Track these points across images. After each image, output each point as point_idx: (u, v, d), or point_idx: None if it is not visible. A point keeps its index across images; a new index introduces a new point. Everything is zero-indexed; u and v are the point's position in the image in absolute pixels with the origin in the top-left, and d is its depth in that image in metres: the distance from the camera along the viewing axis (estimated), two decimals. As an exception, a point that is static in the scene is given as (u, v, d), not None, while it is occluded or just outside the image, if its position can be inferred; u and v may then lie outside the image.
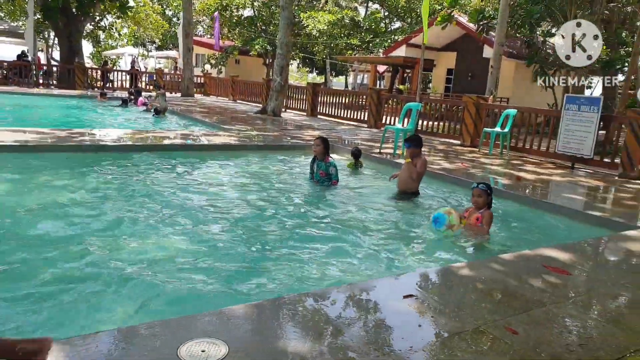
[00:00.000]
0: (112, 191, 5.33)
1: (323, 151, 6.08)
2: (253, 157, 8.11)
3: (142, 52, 42.98)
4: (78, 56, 22.60)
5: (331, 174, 6.06)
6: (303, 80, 49.96)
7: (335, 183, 6.08)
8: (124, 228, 4.16)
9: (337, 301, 2.74)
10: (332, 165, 6.07)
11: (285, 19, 14.69)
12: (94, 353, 1.99)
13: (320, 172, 6.12)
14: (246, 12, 32.81)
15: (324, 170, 6.08)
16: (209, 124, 12.10)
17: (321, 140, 6.15)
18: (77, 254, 3.55)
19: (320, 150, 6.07)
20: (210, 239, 4.08)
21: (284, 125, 12.94)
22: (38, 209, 4.51)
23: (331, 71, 37.91)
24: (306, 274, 3.50)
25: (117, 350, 2.03)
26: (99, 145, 7.71)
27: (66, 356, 1.94)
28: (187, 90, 21.74)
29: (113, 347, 2.06)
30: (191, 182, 6.09)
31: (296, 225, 4.65)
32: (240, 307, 2.51)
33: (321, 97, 16.64)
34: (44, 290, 2.99)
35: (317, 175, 6.17)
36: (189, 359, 1.94)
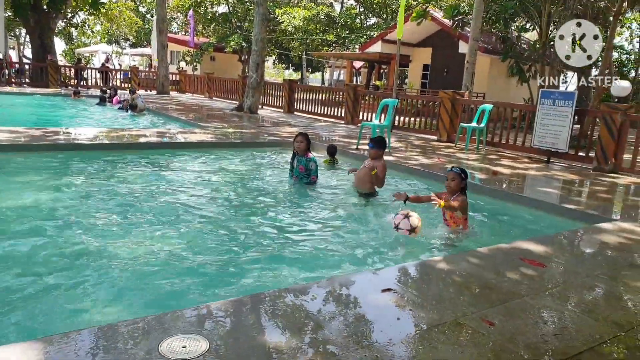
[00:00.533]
0: (88, 190, 5.22)
1: (306, 147, 6.06)
2: (230, 154, 8.04)
3: (116, 49, 42.15)
4: (50, 54, 22.07)
5: (311, 169, 6.05)
6: (279, 77, 49.75)
7: (314, 179, 6.07)
8: (101, 227, 4.09)
9: (316, 296, 2.75)
10: (312, 161, 6.05)
11: (260, 15, 14.59)
12: (75, 350, 1.96)
13: (300, 167, 6.11)
14: (221, 8, 32.50)
15: (303, 166, 6.07)
16: (185, 121, 11.95)
17: (303, 137, 6.11)
18: (55, 253, 3.48)
19: (303, 147, 6.03)
20: (187, 237, 4.03)
21: (260, 122, 12.87)
22: (16, 209, 4.38)
23: (307, 67, 37.85)
24: (284, 270, 3.50)
25: (98, 347, 2.01)
26: (75, 144, 7.54)
27: (47, 354, 1.91)
28: (163, 87, 21.44)
29: (94, 344, 2.03)
30: (168, 180, 6.01)
31: (274, 222, 4.64)
32: (219, 303, 2.50)
33: (298, 93, 16.60)
34: (22, 289, 2.92)
35: (297, 171, 6.15)
36: (169, 355, 1.93)
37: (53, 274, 3.17)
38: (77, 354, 1.95)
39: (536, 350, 2.29)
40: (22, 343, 2.04)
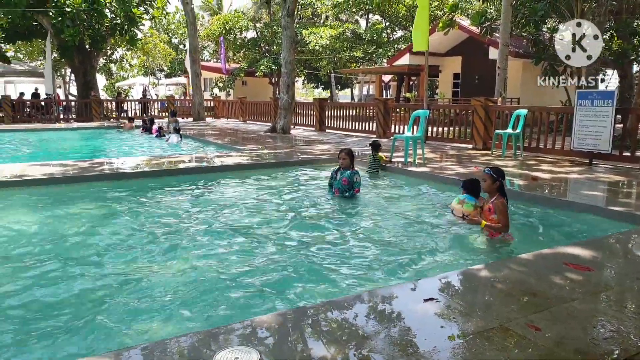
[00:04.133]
0: (135, 215, 5.47)
1: (349, 163, 6.22)
2: (266, 174, 8.22)
3: (153, 80, 43.85)
4: (94, 90, 23.29)
5: (354, 182, 6.12)
6: (309, 96, 50.36)
7: (357, 191, 6.15)
8: (152, 249, 4.29)
9: (360, 307, 2.80)
10: (356, 174, 6.16)
11: (288, 38, 14.94)
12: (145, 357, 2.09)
13: (343, 180, 6.16)
14: (249, 34, 33.38)
15: (347, 178, 6.12)
16: (222, 145, 12.29)
17: (346, 153, 6.26)
18: (110, 274, 3.70)
19: (346, 163, 6.20)
20: (233, 255, 4.18)
21: (294, 141, 13.09)
22: (69, 237, 4.66)
23: (336, 85, 38.23)
24: (328, 283, 3.57)
25: (159, 358, 2.14)
26: (119, 173, 7.90)
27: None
28: (199, 114, 22.12)
29: (152, 358, 2.16)
30: (209, 202, 6.21)
31: (315, 235, 4.73)
32: (267, 316, 2.62)
33: (328, 111, 16.81)
34: (80, 309, 3.11)
35: (339, 184, 6.21)
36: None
37: (109, 293, 3.36)
38: None
39: (586, 354, 2.26)
40: (93, 357, 2.20)
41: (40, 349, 2.70)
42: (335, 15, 32.62)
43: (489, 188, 4.43)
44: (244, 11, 34.40)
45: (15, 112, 20.67)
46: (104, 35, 22.64)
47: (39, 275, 3.76)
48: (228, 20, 30.89)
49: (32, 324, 2.98)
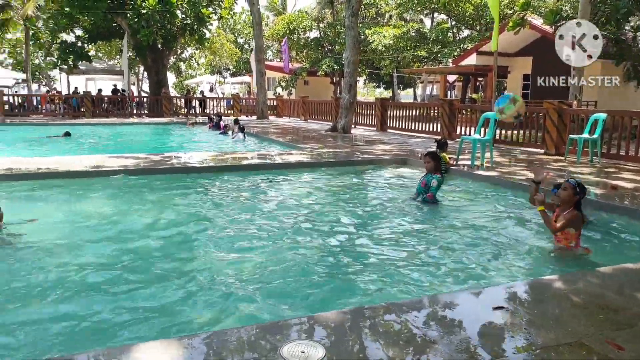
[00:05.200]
0: (202, 208, 5.69)
1: (434, 167, 5.95)
2: (325, 173, 8.27)
3: (219, 79, 45.37)
4: (164, 87, 24.47)
5: (430, 186, 5.88)
6: (370, 96, 50.07)
7: (430, 196, 5.88)
8: (218, 240, 4.45)
9: (427, 311, 2.75)
10: (434, 179, 5.89)
11: (352, 38, 14.92)
12: (203, 351, 2.18)
13: (422, 182, 6.01)
14: (312, 34, 33.70)
15: (426, 181, 5.95)
16: (284, 143, 12.50)
17: (430, 156, 6.02)
18: (182, 264, 3.87)
19: (430, 167, 5.96)
20: (297, 251, 4.24)
21: (354, 141, 13.07)
22: (142, 224, 4.93)
23: (398, 84, 37.71)
24: (394, 283, 3.54)
25: (226, 347, 2.22)
26: (188, 167, 8.24)
27: (178, 353, 2.15)
28: (262, 112, 22.63)
29: (223, 345, 2.25)
30: (271, 198, 6.35)
31: (376, 237, 4.69)
32: (333, 313, 2.64)
33: (390, 111, 16.63)
34: (152, 294, 3.29)
35: (418, 187, 6.06)
36: (290, 358, 2.10)
37: (184, 282, 3.52)
38: (206, 354, 2.17)
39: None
40: (156, 342, 2.31)
41: (111, 331, 2.87)
42: (400, 14, 32.21)
43: (567, 198, 4.20)
44: (308, 11, 34.77)
45: (95, 107, 22.13)
46: (175, 35, 23.72)
47: (116, 258, 4.00)
48: (292, 20, 31.37)
49: (108, 306, 3.17)
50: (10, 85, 33.35)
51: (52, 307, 3.14)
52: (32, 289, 3.40)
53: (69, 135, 13.96)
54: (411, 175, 8.27)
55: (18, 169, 7.42)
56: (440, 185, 5.96)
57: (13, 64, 38.04)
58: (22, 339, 2.73)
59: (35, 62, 36.03)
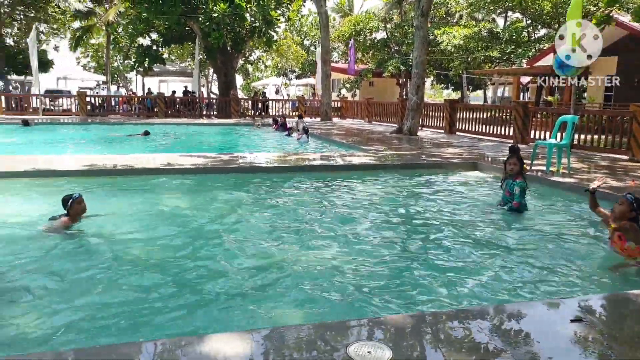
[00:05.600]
0: (267, 207, 5.81)
1: (518, 171, 5.57)
2: (392, 175, 8.14)
3: (285, 81, 46.22)
4: (233, 89, 25.27)
5: (514, 194, 5.51)
6: (437, 98, 48.93)
7: (516, 204, 5.49)
8: (284, 241, 4.51)
9: (500, 319, 2.64)
10: (517, 185, 5.50)
11: (421, 38, 14.63)
12: (270, 345, 2.21)
13: (506, 192, 5.65)
14: (379, 34, 33.45)
15: (509, 189, 5.60)
16: (347, 145, 12.47)
17: (517, 158, 5.63)
18: (250, 260, 3.97)
19: (516, 170, 5.57)
20: (363, 253, 4.21)
21: (421, 143, 12.79)
22: (211, 222, 5.10)
23: (467, 86, 36.51)
24: (463, 291, 3.41)
25: (294, 343, 2.24)
26: (254, 167, 8.44)
27: (247, 346, 2.19)
28: (326, 114, 22.76)
29: (290, 340, 2.26)
30: (333, 199, 6.33)
31: (443, 243, 4.55)
32: (400, 316, 2.61)
33: (460, 113, 16.13)
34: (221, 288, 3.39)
35: (503, 196, 5.73)
36: (356, 357, 2.09)
37: (248, 279, 3.59)
38: (273, 348, 2.19)
39: None
40: (229, 333, 2.35)
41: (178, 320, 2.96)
42: (471, 14, 31.19)
43: (621, 215, 3.92)
44: (375, 12, 34.56)
45: (167, 108, 23.27)
46: (243, 37, 24.43)
47: (186, 252, 4.15)
48: (359, 21, 31.31)
49: (176, 297, 3.28)
50: (92, 87, 35.97)
51: (126, 294, 3.31)
52: (105, 277, 3.60)
53: (148, 134, 14.72)
54: (481, 179, 7.96)
55: (98, 166, 7.92)
56: (525, 191, 5.53)
57: (95, 67, 40.92)
58: (93, 324, 2.89)
59: (114, 65, 38.54)
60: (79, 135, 15.04)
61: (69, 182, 6.70)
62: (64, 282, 3.48)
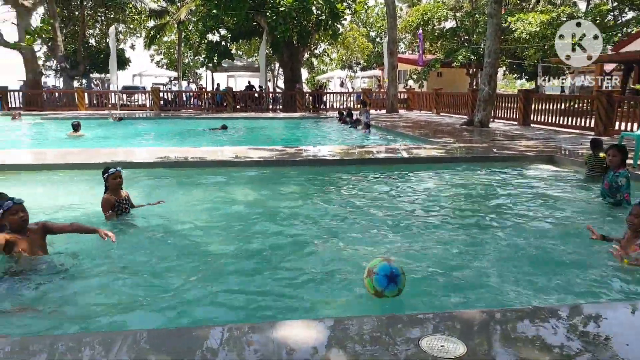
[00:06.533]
0: (332, 200, 5.84)
1: (619, 163, 5.24)
2: (463, 169, 7.87)
3: (349, 73, 46.09)
4: (298, 82, 25.55)
5: (620, 186, 5.17)
6: (509, 88, 46.66)
7: (627, 197, 5.15)
8: (349, 232, 4.52)
9: (577, 319, 2.48)
10: (621, 176, 5.15)
11: (494, 26, 13.98)
12: (343, 334, 2.21)
13: (605, 184, 5.34)
14: (448, 24, 32.39)
15: (609, 182, 5.27)
16: (415, 137, 12.21)
17: (617, 150, 5.27)
18: (315, 250, 4.01)
19: (616, 162, 5.24)
20: (430, 247, 4.13)
21: (493, 136, 12.25)
22: (275, 213, 5.21)
23: (543, 75, 34.48)
24: (536, 288, 3.26)
25: (367, 333, 2.24)
26: (320, 160, 8.48)
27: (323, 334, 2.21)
28: (392, 106, 22.43)
29: (365, 330, 2.27)
30: (402, 193, 6.24)
31: (515, 240, 4.35)
32: (475, 311, 2.51)
33: (535, 104, 15.28)
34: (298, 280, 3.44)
35: (602, 189, 5.42)
36: (428, 350, 2.06)
37: (315, 267, 3.64)
38: (346, 337, 2.19)
39: None
40: (299, 321, 2.38)
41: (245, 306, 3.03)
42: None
43: None
44: (444, 0, 33.47)
45: (235, 102, 23.94)
46: (309, 31, 24.56)
47: (250, 242, 4.26)
48: (427, 10, 30.43)
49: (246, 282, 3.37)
50: (165, 83, 37.77)
51: (199, 280, 3.43)
52: (177, 263, 3.75)
53: (225, 128, 15.14)
54: (558, 174, 7.50)
55: (171, 158, 8.30)
56: (629, 181, 5.16)
57: (167, 63, 42.90)
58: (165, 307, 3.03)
59: (185, 61, 40.19)
60: (160, 129, 15.79)
61: (146, 174, 7.07)
62: (137, 266, 3.66)
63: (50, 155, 8.71)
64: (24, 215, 3.46)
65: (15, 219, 3.41)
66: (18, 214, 3.42)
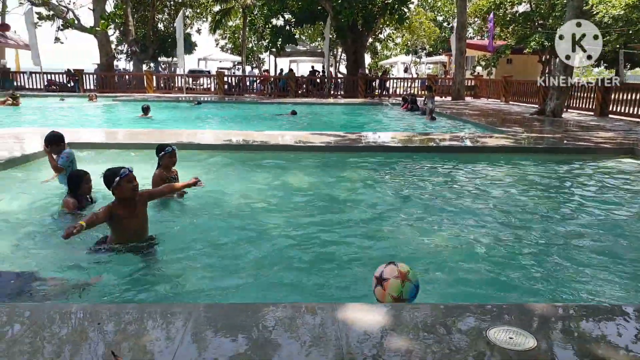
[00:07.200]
0: (393, 186, 5.76)
1: None
2: (533, 160, 7.51)
3: (414, 59, 44.98)
4: (361, 68, 25.28)
5: None
6: (585, 76, 43.71)
7: None
8: (408, 219, 4.49)
9: None
10: None
11: (574, 10, 13.08)
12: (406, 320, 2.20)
13: None
14: (521, 7, 30.69)
15: None
16: (482, 125, 11.78)
17: None
18: (376, 235, 4.02)
19: None
20: (498, 237, 4.03)
21: (565, 126, 11.57)
22: (334, 198, 5.25)
23: (625, 63, 31.95)
24: (616, 287, 3.10)
25: (432, 319, 2.21)
26: (383, 146, 8.40)
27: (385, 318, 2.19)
28: (458, 92, 21.72)
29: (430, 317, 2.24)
30: (467, 183, 6.09)
31: (598, 234, 4.14)
32: (548, 305, 2.45)
33: (614, 93, 14.23)
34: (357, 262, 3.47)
35: None
36: (496, 342, 2.01)
37: (374, 252, 3.64)
38: (409, 323, 2.19)
39: None
40: (362, 304, 2.40)
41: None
42: (636, -23, 27.03)
43: None
44: (518, -17, 31.69)
45: (297, 88, 24.06)
46: (375, 15, 24.15)
47: (317, 224, 4.33)
48: (499, -6, 28.97)
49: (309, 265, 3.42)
50: (229, 67, 38.55)
51: (263, 258, 3.52)
52: (244, 241, 3.84)
53: (295, 113, 15.18)
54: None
55: (235, 141, 8.52)
56: None
57: (232, 48, 43.75)
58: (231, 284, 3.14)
59: (249, 46, 40.80)
60: (227, 113, 16.05)
61: (208, 155, 7.23)
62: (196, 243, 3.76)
63: (121, 135, 9.24)
64: (136, 184, 3.49)
65: (129, 186, 3.42)
66: (132, 182, 3.44)
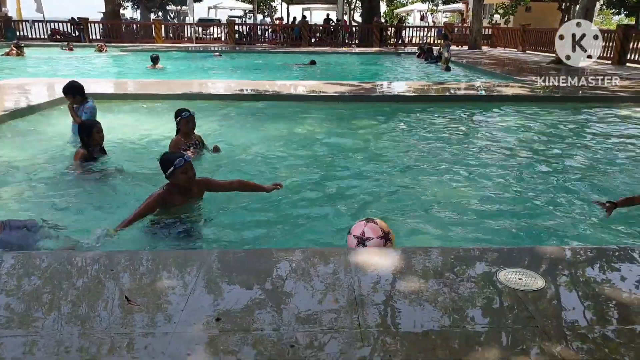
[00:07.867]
0: (408, 136, 5.82)
1: None
2: (549, 108, 7.46)
3: (431, 7, 43.43)
4: (376, 16, 24.50)
5: None
6: (604, 25, 41.98)
7: None
8: (423, 170, 4.54)
9: None
10: None
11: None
12: (422, 262, 2.32)
13: None
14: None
15: None
16: (499, 75, 11.59)
17: None
18: (392, 185, 4.08)
19: None
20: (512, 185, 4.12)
21: (582, 74, 11.33)
22: (349, 149, 5.28)
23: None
24: (623, 231, 3.18)
25: (446, 262, 2.32)
26: (397, 96, 8.36)
27: (401, 261, 2.31)
28: (475, 41, 21.15)
29: (446, 259, 2.34)
30: (482, 132, 6.09)
31: (606, 181, 4.18)
32: (555, 248, 2.53)
33: (634, 42, 13.80)
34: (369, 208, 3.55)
35: None
36: (506, 282, 2.09)
37: (387, 200, 3.73)
38: (424, 265, 2.30)
39: None
40: (376, 248, 2.49)
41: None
42: None
43: None
44: None
45: (310, 36, 23.45)
46: (392, -41, 23.19)
47: (332, 171, 4.42)
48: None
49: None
50: (240, 16, 37.47)
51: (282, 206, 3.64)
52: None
53: (314, 63, 14.80)
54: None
55: (247, 91, 8.49)
56: None
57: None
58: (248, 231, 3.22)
59: (260, -7, 39.44)
60: (240, 64, 15.58)
61: (219, 106, 7.19)
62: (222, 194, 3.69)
63: (133, 86, 9.25)
64: (192, 173, 3.23)
65: (185, 177, 3.17)
66: (188, 172, 3.17)
